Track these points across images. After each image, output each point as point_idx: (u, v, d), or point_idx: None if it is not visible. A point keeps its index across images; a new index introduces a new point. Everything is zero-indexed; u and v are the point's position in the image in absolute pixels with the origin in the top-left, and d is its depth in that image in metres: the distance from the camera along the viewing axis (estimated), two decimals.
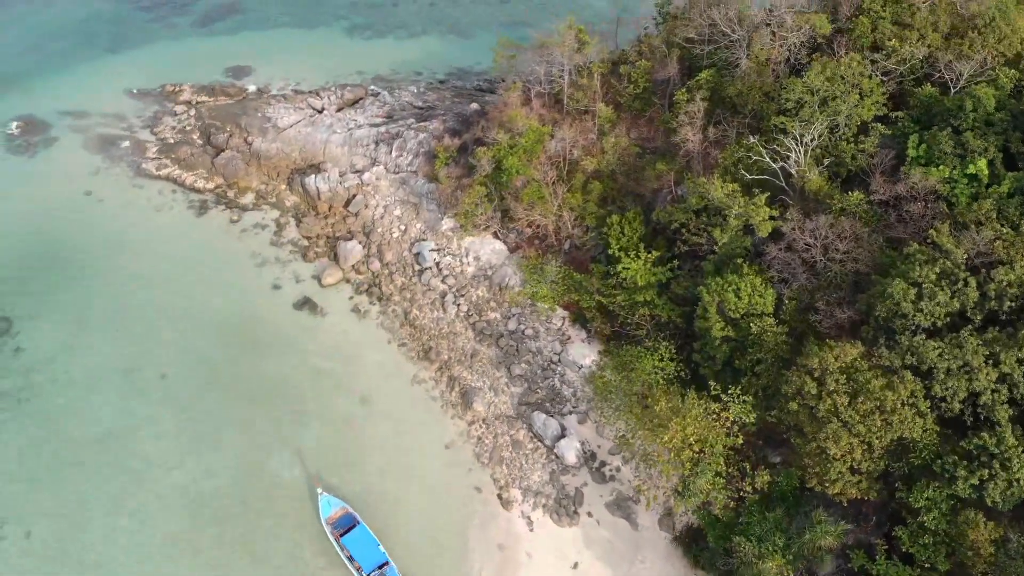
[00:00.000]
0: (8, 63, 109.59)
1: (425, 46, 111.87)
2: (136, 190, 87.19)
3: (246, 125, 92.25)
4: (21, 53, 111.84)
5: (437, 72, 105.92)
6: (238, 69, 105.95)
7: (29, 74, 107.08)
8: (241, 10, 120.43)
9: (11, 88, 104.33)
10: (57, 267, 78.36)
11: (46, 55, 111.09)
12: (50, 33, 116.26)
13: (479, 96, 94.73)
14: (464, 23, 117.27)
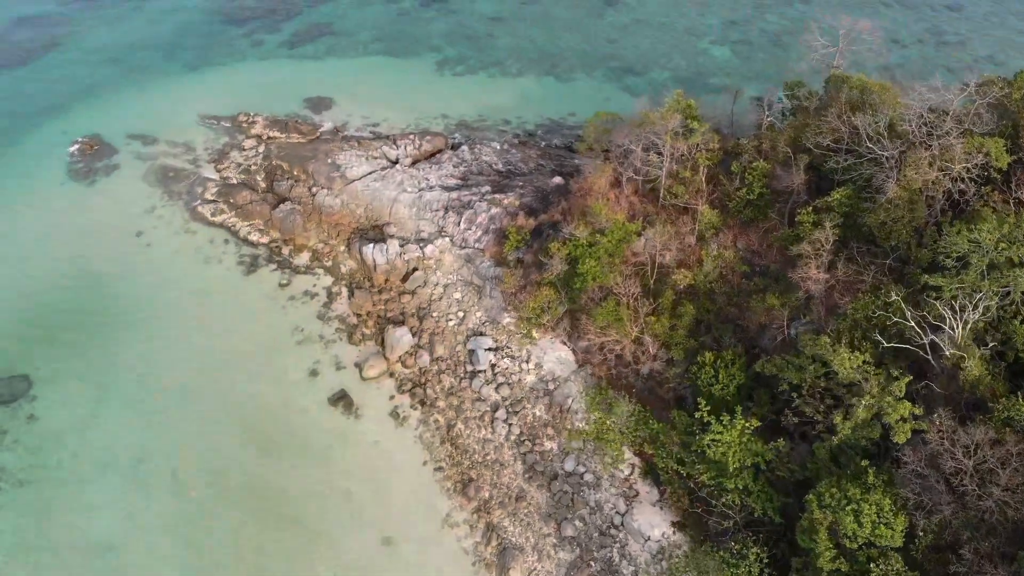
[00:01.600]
0: (86, 73, 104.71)
1: (519, 88, 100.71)
2: (187, 236, 79.45)
3: (313, 172, 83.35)
4: (101, 63, 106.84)
5: (527, 121, 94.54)
6: (317, 101, 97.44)
7: (104, 87, 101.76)
8: (333, 32, 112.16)
9: (84, 101, 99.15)
10: (91, 320, 71.14)
11: (126, 67, 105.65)
12: (135, 42, 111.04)
13: (566, 159, 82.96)
14: (565, 64, 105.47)
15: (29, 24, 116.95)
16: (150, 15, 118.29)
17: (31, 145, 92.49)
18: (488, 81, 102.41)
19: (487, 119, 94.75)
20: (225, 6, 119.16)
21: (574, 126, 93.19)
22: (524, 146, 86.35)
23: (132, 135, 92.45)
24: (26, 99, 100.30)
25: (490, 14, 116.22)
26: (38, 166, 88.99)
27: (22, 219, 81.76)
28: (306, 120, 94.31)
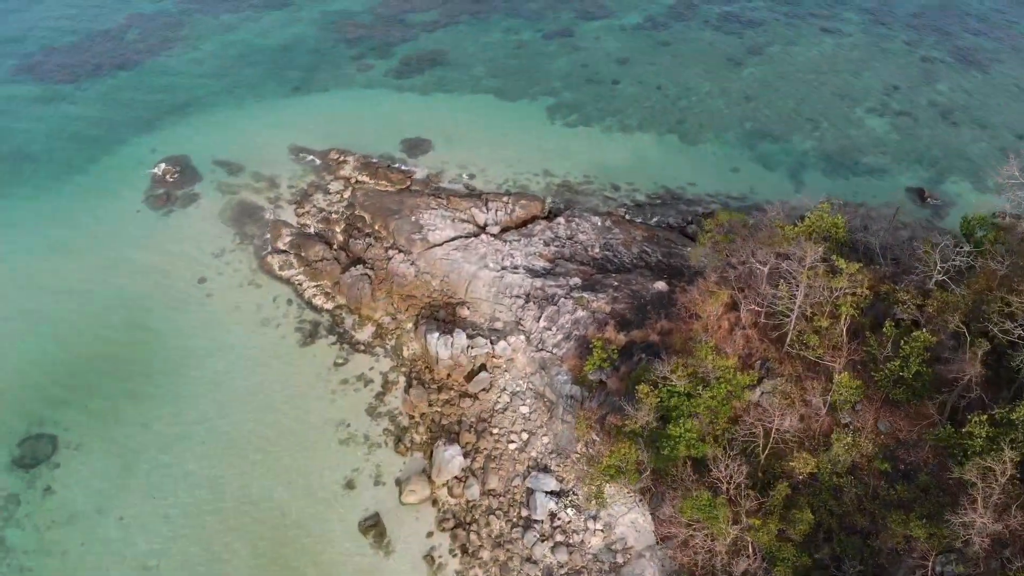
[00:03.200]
0: (188, 84, 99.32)
1: (636, 146, 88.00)
2: (251, 290, 71.52)
3: (394, 230, 73.87)
4: (205, 75, 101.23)
5: (638, 188, 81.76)
6: (415, 143, 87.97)
7: (203, 102, 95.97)
8: (446, 62, 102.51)
9: (179, 116, 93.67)
10: (132, 381, 64.05)
11: (229, 82, 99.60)
12: (243, 54, 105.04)
13: (676, 247, 69.88)
14: (693, 121, 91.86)
15: (143, 23, 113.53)
16: (264, 26, 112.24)
17: (119, 159, 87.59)
18: (602, 134, 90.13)
19: (593, 181, 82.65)
20: (340, 23, 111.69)
21: (692, 200, 79.95)
22: (629, 224, 73.75)
23: (219, 161, 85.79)
24: (124, 107, 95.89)
25: (617, 54, 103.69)
26: (120, 184, 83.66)
27: (88, 246, 76.14)
28: (399, 164, 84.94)
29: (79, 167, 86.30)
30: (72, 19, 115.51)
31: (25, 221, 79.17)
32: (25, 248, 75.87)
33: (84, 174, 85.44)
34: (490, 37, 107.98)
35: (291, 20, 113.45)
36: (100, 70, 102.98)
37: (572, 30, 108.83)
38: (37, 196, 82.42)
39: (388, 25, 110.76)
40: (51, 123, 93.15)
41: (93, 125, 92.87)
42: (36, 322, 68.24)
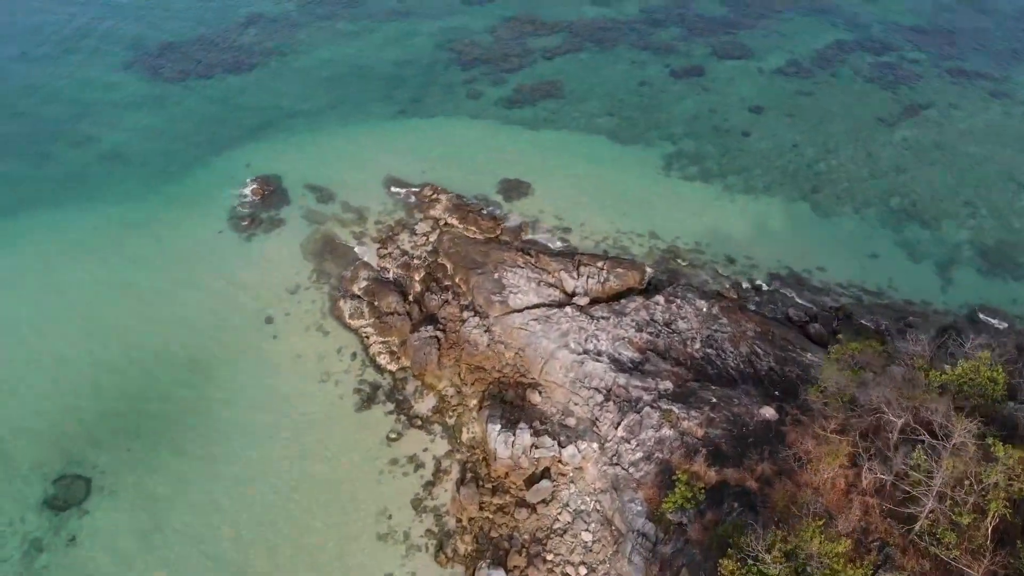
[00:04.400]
0: (295, 94, 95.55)
1: (760, 213, 77.21)
2: (316, 337, 65.95)
3: (474, 286, 66.64)
4: (314, 85, 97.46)
5: (757, 264, 71.15)
6: (513, 185, 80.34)
7: (306, 117, 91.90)
8: (560, 94, 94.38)
9: (279, 130, 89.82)
10: (177, 425, 59.52)
11: (335, 99, 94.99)
12: (356, 67, 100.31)
13: (794, 351, 59.30)
14: (829, 189, 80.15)
15: (263, 24, 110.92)
16: (380, 38, 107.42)
17: (213, 172, 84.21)
18: (723, 194, 79.73)
19: (705, 251, 72.63)
20: (457, 42, 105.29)
21: (819, 288, 68.79)
22: (741, 313, 63.50)
23: (311, 185, 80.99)
24: (228, 114, 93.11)
25: (751, 101, 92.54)
26: (208, 200, 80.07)
27: (162, 264, 72.61)
28: (492, 208, 77.53)
29: (171, 176, 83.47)
30: (193, 14, 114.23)
31: (108, 228, 76.67)
32: (101, 258, 73.23)
33: (175, 184, 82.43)
34: (612, 69, 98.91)
35: (408, 34, 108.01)
36: (210, 72, 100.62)
37: (704, 68, 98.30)
38: (124, 202, 79.98)
39: (506, 48, 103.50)
40: (153, 125, 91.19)
41: (194, 131, 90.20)
42: (94, 348, 64.86)
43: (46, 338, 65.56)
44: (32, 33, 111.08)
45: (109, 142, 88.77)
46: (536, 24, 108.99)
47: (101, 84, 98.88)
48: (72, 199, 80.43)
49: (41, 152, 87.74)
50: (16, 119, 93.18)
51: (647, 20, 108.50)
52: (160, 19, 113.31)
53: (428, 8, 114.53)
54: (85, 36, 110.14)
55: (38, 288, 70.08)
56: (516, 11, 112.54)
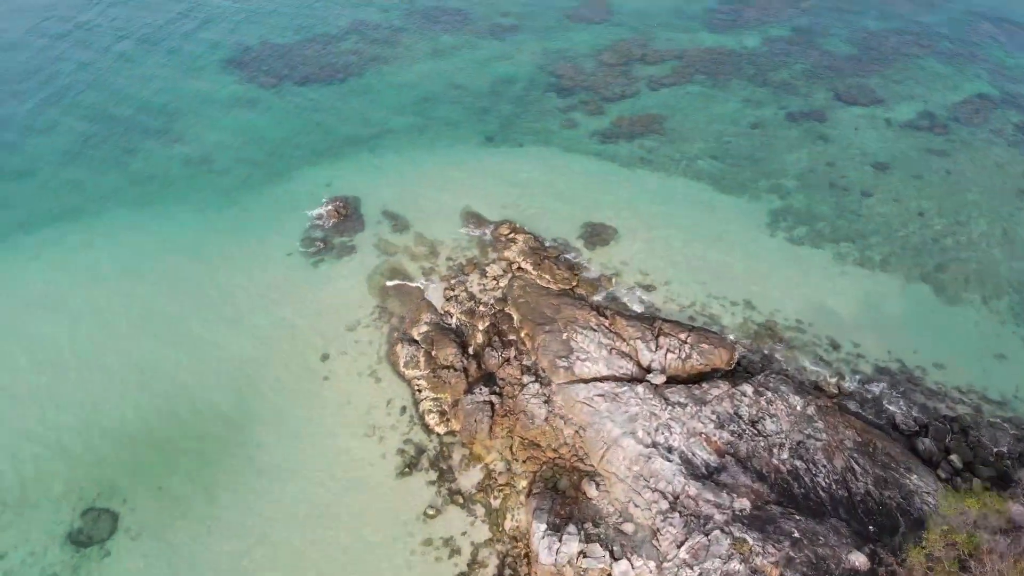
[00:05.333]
0: (388, 107, 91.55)
1: (873, 291, 67.63)
2: (369, 383, 61.28)
3: (540, 345, 60.44)
4: (405, 104, 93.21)
5: (865, 354, 61.86)
6: (598, 230, 73.49)
7: (396, 137, 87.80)
8: (662, 130, 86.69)
9: (363, 148, 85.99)
10: (213, 466, 56.06)
11: (425, 119, 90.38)
12: (449, 87, 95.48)
13: (898, 471, 50.28)
14: (956, 271, 69.44)
15: (364, 32, 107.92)
16: (480, 56, 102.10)
17: (294, 188, 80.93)
18: (833, 263, 70.42)
19: (806, 330, 63.84)
20: (559, 65, 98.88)
21: (934, 392, 59.07)
22: (840, 416, 54.73)
23: (388, 212, 76.56)
24: (316, 127, 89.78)
25: (875, 156, 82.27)
26: (284, 218, 76.78)
27: (226, 283, 69.57)
28: (571, 255, 70.90)
29: (251, 188, 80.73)
30: (296, 17, 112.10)
31: (180, 237, 74.47)
32: (164, 270, 70.86)
33: (254, 196, 79.63)
34: (723, 107, 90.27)
35: (510, 52, 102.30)
36: (305, 80, 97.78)
37: (825, 114, 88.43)
38: (201, 211, 77.81)
39: (610, 75, 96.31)
40: (241, 133, 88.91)
41: (280, 142, 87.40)
42: (144, 367, 62.27)
43: (96, 351, 63.48)
44: (138, 26, 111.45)
45: (196, 146, 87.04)
46: (646, 49, 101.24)
47: (198, 85, 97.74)
48: (149, 203, 78.90)
49: (130, 149, 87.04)
50: (111, 111, 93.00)
51: (767, 54, 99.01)
52: (262, 20, 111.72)
53: (535, 25, 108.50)
54: (187, 33, 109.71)
55: (96, 297, 68.31)
56: (627, 34, 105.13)
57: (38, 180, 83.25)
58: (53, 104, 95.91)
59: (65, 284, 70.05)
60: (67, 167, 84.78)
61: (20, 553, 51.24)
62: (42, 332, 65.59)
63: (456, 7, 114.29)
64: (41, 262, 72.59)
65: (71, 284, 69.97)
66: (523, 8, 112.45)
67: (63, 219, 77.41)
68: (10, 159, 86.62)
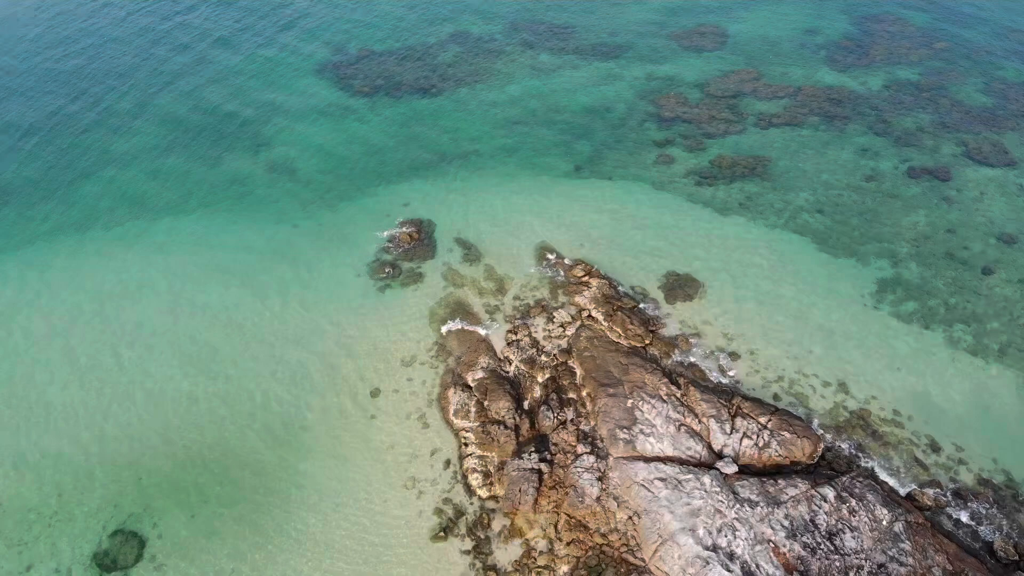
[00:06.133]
0: (475, 131, 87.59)
1: (985, 386, 58.84)
2: (415, 427, 57.39)
3: (601, 408, 55.04)
4: (496, 125, 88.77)
5: (968, 460, 53.56)
6: (679, 282, 67.20)
7: (480, 158, 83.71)
8: (765, 175, 79.38)
9: (447, 168, 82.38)
10: (249, 499, 53.43)
11: (514, 142, 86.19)
12: (542, 110, 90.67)
13: None
14: None
15: (464, 45, 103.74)
16: (579, 78, 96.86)
17: (371, 206, 78.21)
18: (942, 347, 61.81)
19: (905, 424, 55.92)
20: (661, 94, 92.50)
21: None
22: (932, 535, 47.01)
23: (461, 240, 72.62)
24: (404, 141, 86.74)
25: (1002, 226, 72.50)
26: (358, 237, 74.10)
27: (291, 303, 67.25)
28: (648, 307, 64.94)
29: (329, 202, 78.39)
30: (399, 23, 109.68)
31: (251, 248, 72.88)
32: (229, 281, 69.20)
33: (330, 212, 77.26)
34: (836, 154, 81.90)
35: (610, 77, 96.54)
36: (398, 90, 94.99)
37: (950, 172, 78.84)
38: (277, 222, 76.19)
39: (715, 108, 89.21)
40: (328, 142, 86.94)
41: (365, 155, 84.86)
42: (195, 382, 60.34)
43: (148, 362, 61.98)
44: (239, 26, 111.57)
45: (282, 153, 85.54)
46: (758, 83, 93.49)
47: (292, 88, 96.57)
48: (229, 209, 77.75)
49: (218, 150, 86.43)
50: (204, 108, 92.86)
51: (891, 99, 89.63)
52: (364, 26, 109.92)
53: (642, 47, 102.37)
54: (288, 35, 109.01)
55: (159, 302, 67.05)
56: (739, 64, 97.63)
57: (129, 173, 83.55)
58: (150, 99, 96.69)
59: (132, 286, 69.23)
60: (156, 161, 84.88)
61: (46, 568, 49.82)
62: (101, 334, 64.75)
63: (563, 23, 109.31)
64: (115, 260, 72.25)
65: (138, 286, 69.08)
66: (633, 28, 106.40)
67: (143, 217, 77.15)
68: (107, 147, 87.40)
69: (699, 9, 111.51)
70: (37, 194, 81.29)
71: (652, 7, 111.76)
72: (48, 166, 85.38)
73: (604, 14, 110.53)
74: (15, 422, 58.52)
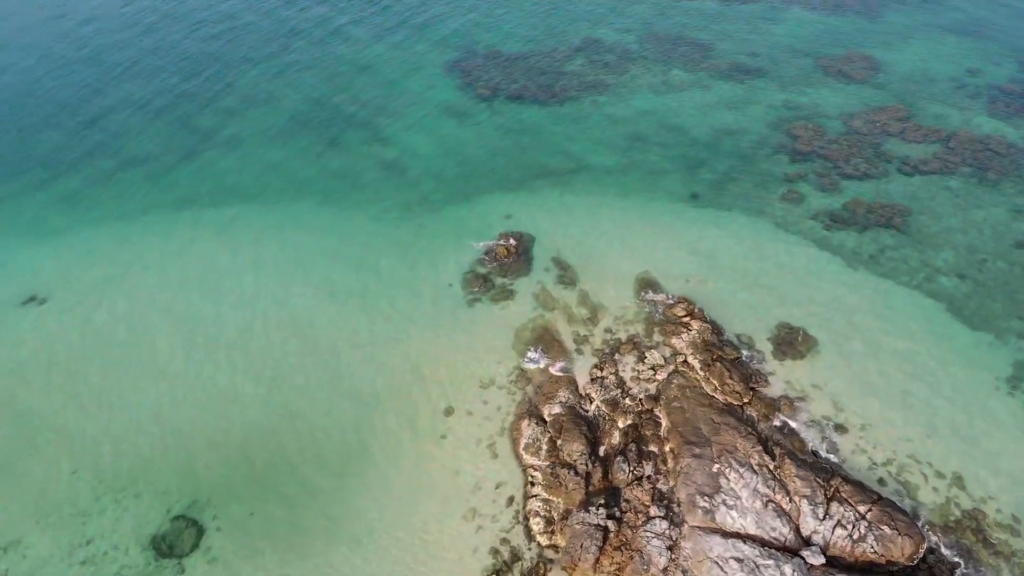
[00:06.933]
0: (590, 145, 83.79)
1: None
2: (483, 456, 54.71)
3: (683, 469, 50.56)
4: (611, 140, 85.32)
5: None
6: (791, 337, 61.32)
7: (590, 174, 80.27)
8: (903, 227, 71.93)
9: (556, 182, 79.19)
10: (311, 504, 52.27)
11: (629, 161, 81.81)
12: (662, 129, 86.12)
13: None
14: None
15: (594, 52, 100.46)
16: (711, 98, 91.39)
17: (474, 213, 76.13)
18: None
19: (1022, 533, 48.42)
20: (799, 122, 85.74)
21: None
22: None
23: (559, 259, 69.34)
24: (519, 150, 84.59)
25: None
26: (456, 245, 72.10)
27: (379, 307, 65.93)
28: (751, 359, 59.51)
29: (433, 205, 76.86)
30: (533, 26, 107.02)
31: (352, 248, 72.02)
32: (330, 277, 68.44)
33: (434, 215, 75.63)
34: (986, 212, 73.08)
35: (744, 100, 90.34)
36: (520, 96, 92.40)
37: None
38: (379, 221, 75.23)
39: (856, 146, 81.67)
40: (442, 141, 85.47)
41: (476, 159, 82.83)
42: (273, 378, 59.93)
43: (233, 350, 62.08)
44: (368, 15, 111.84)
45: (394, 149, 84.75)
46: (907, 123, 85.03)
47: (414, 84, 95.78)
48: (334, 202, 77.52)
49: (332, 140, 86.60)
50: (324, 97, 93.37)
51: None
52: (496, 26, 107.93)
53: (782, 71, 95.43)
54: (417, 29, 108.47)
55: (247, 291, 67.26)
56: (888, 99, 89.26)
57: (236, 155, 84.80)
58: (273, 84, 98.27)
59: (224, 270, 69.77)
60: (268, 147, 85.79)
61: (105, 544, 50.26)
62: (192, 315, 65.46)
63: (700, 38, 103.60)
64: (207, 245, 73.03)
65: (229, 271, 69.57)
66: (775, 49, 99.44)
67: (249, 200, 77.94)
68: (222, 130, 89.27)
69: (851, 34, 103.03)
70: (149, 169, 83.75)
71: (799, 29, 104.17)
72: (166, 144, 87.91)
73: (747, 33, 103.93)
74: (100, 395, 59.76)
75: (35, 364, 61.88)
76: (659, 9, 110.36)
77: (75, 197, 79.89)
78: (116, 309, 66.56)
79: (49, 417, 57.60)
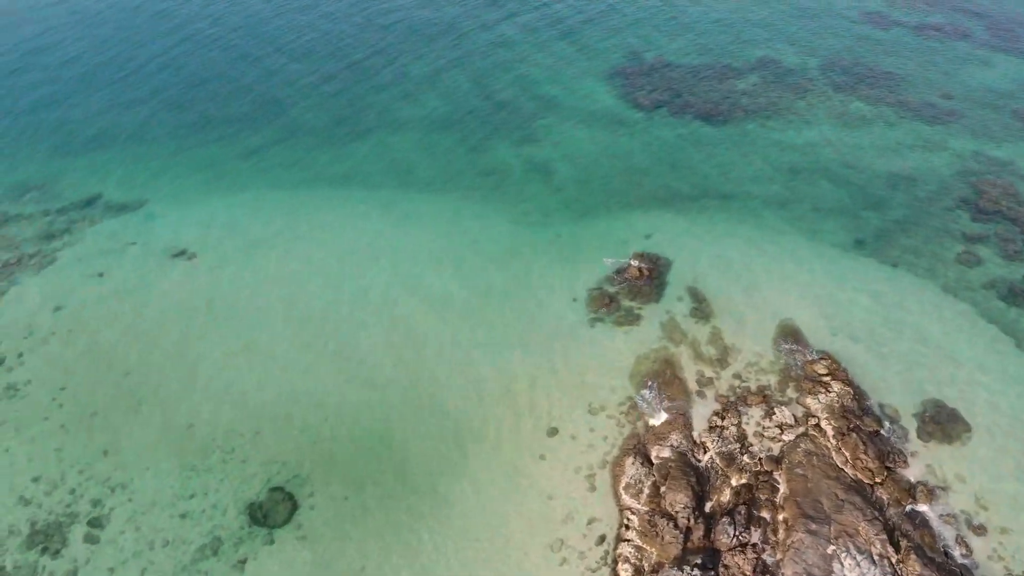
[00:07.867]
0: (751, 173, 79.34)
1: None
2: (581, 485, 52.42)
3: (794, 543, 46.19)
4: (767, 171, 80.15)
5: None
6: (942, 416, 54.84)
7: (738, 204, 76.04)
8: None
9: (704, 207, 75.01)
10: (401, 502, 52.23)
11: (785, 195, 76.86)
12: (829, 166, 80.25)
13: None
14: None
15: (764, 73, 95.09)
16: (897, 134, 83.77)
17: (611, 228, 73.24)
18: None
19: None
20: (988, 176, 76.82)
21: None
22: None
23: (695, 290, 65.63)
24: (667, 167, 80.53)
25: None
26: (587, 258, 69.79)
27: (502, 313, 64.84)
28: (893, 436, 53.59)
29: (574, 214, 74.99)
30: (709, 38, 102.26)
31: (487, 246, 71.36)
32: (456, 275, 68.09)
33: (571, 224, 73.64)
34: None
35: (929, 144, 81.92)
36: (683, 111, 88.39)
37: None
38: (517, 224, 74.15)
39: None
40: (593, 150, 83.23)
41: (624, 172, 79.97)
42: (389, 370, 60.27)
43: (352, 334, 62.89)
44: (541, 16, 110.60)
45: (545, 151, 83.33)
46: None
47: (575, 87, 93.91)
48: (468, 200, 77.02)
49: (484, 134, 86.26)
50: (484, 90, 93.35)
51: None
52: (671, 34, 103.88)
53: (977, 118, 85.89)
54: (588, 30, 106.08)
55: (380, 277, 67.91)
56: None
57: (401, 139, 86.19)
58: (441, 72, 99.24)
59: (365, 256, 70.92)
60: (427, 135, 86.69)
61: (205, 502, 52.11)
62: (321, 293, 66.91)
63: (891, 70, 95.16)
64: (370, 223, 74.48)
65: (370, 258, 70.62)
66: (973, 94, 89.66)
67: (397, 187, 79.04)
68: (389, 110, 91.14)
69: None
70: (316, 140, 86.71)
71: (1004, 76, 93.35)
72: (335, 117, 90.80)
73: (943, 72, 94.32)
74: (231, 352, 62.24)
75: (183, 309, 65.50)
76: (850, 37, 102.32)
77: (256, 154, 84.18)
78: (264, 270, 69.36)
79: (175, 368, 60.57)
